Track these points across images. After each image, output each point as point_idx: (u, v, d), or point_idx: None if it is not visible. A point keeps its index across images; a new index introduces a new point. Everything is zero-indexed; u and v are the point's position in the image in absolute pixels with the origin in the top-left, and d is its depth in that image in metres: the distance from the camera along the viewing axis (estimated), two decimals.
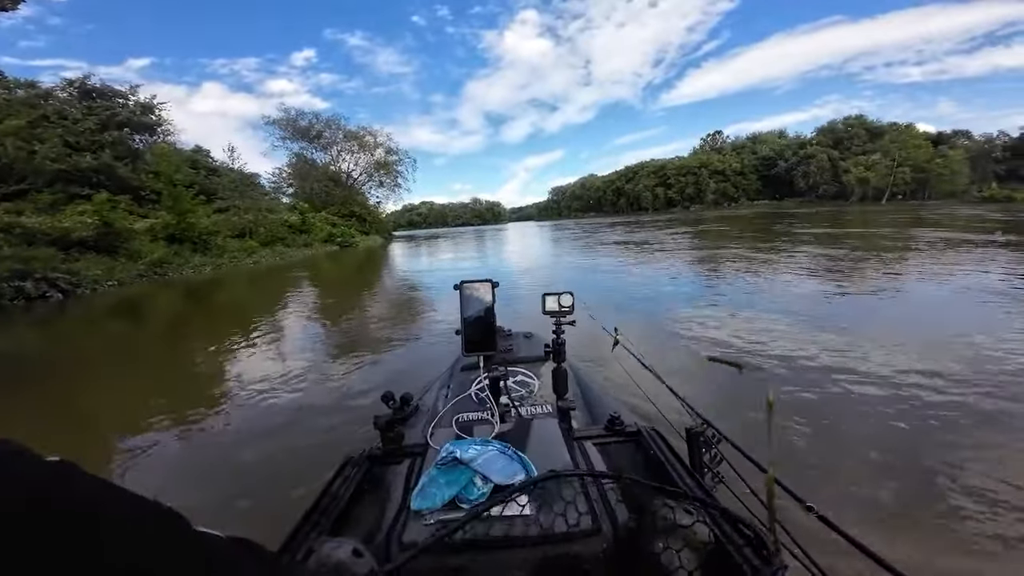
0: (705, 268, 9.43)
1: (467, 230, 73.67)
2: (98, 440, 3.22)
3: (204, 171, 26.85)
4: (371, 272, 15.38)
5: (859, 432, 2.43)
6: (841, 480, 2.02)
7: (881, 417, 2.56)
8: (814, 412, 2.64)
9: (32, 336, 7.64)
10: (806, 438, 2.38)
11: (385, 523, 0.92)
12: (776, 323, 4.63)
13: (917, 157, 64.36)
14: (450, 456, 0.98)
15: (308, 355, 5.01)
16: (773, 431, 0.67)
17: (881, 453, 2.20)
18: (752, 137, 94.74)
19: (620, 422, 1.25)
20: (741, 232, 20.20)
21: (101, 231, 14.18)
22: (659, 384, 1.45)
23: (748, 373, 3.28)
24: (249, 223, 23.02)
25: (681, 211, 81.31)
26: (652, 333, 4.72)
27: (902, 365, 3.24)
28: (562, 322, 1.36)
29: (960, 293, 5.55)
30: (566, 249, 18.36)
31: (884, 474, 2.04)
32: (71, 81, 24.39)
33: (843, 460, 2.19)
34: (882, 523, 1.74)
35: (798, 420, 2.54)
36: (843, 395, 2.87)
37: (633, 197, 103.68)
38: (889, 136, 69.48)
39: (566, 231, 35.27)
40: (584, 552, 0.77)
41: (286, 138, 40.09)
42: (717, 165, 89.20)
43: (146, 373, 5.06)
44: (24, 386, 4.76)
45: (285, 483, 2.35)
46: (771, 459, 0.63)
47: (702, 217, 43.67)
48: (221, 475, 2.61)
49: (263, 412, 3.43)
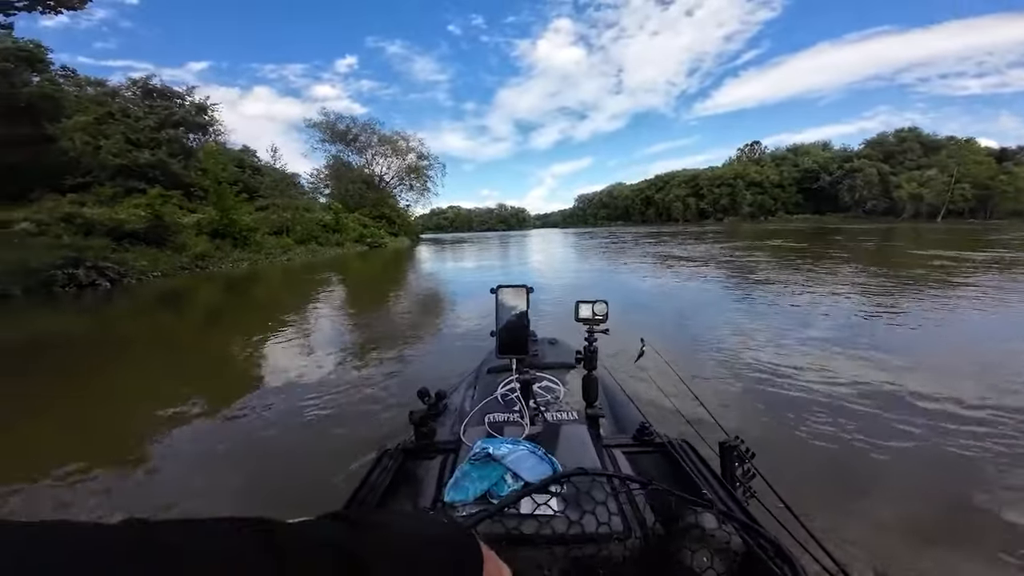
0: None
1: (491, 235, 73.91)
2: (139, 420, 3.42)
3: (249, 170, 28.29)
4: (399, 273, 15.72)
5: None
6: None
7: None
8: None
9: (83, 322, 8.19)
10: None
11: None
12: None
13: (978, 173, 60.55)
14: (483, 452, 1.01)
15: (337, 349, 5.21)
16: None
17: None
18: (793, 148, 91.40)
19: (649, 432, 1.26)
20: (829, 250, 16.18)
21: (152, 224, 15.10)
22: (676, 398, 1.44)
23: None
24: (286, 221, 23.98)
25: (714, 223, 78.89)
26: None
27: None
28: (595, 330, 1.38)
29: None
30: (606, 265, 14.90)
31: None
32: (135, 80, 26.28)
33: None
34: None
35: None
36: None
37: (663, 207, 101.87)
38: (947, 151, 65.64)
39: (596, 240, 33.49)
40: (612, 555, 0.78)
41: (325, 140, 41.74)
42: (754, 176, 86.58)
43: (186, 360, 5.37)
44: (75, 368, 5.13)
45: (315, 465, 2.46)
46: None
47: (747, 230, 40.40)
48: (252, 457, 2.74)
49: (295, 399, 3.59)
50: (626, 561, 0.78)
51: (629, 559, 0.79)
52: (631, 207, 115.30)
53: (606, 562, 0.77)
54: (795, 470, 2.15)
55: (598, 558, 0.77)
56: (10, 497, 2.36)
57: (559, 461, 1.02)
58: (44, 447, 3.01)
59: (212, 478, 2.53)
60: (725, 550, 0.71)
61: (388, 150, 43.87)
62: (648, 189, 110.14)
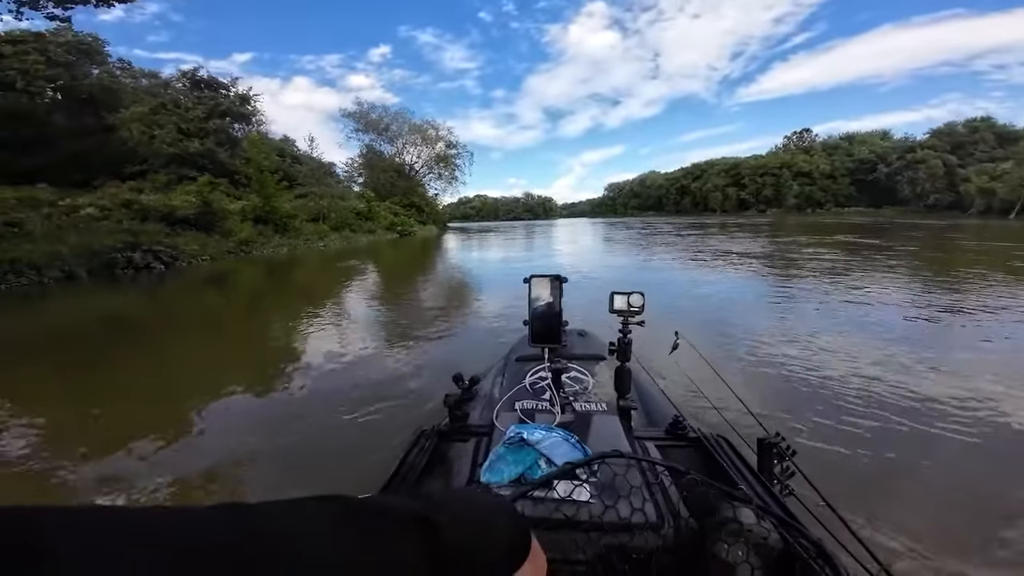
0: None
1: (517, 224, 73.25)
2: (188, 391, 3.69)
3: (289, 159, 29.33)
4: (429, 261, 16.00)
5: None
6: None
7: None
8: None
9: (142, 302, 8.86)
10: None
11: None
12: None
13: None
14: (517, 437, 1.04)
15: (373, 330, 5.48)
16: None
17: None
18: (847, 137, 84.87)
19: (683, 426, 1.25)
20: (920, 249, 13.18)
21: (201, 210, 15.97)
22: (712, 395, 1.41)
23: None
24: (323, 208, 24.80)
25: (756, 214, 74.47)
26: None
27: None
28: (630, 322, 1.37)
29: None
30: (648, 260, 12.79)
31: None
32: (184, 72, 27.59)
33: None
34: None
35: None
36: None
37: (700, 197, 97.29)
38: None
39: (631, 231, 30.19)
40: (644, 544, 0.79)
41: (359, 130, 42.66)
42: (802, 166, 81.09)
43: (236, 337, 5.79)
44: (133, 342, 5.58)
45: (353, 437, 2.63)
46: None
47: (797, 223, 35.68)
48: (291, 428, 2.92)
49: (331, 374, 3.83)
50: (658, 551, 0.79)
51: (661, 549, 0.80)
52: (665, 197, 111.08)
53: (638, 550, 0.78)
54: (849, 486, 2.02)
55: (630, 546, 0.78)
56: (85, 452, 2.63)
57: (591, 450, 1.04)
58: (113, 412, 3.32)
59: (259, 442, 2.73)
60: (762, 546, 0.71)
61: (418, 139, 44.34)
62: (684, 178, 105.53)
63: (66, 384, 4.04)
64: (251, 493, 2.31)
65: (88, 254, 11.05)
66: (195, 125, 23.78)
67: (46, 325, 6.51)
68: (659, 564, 0.78)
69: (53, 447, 2.76)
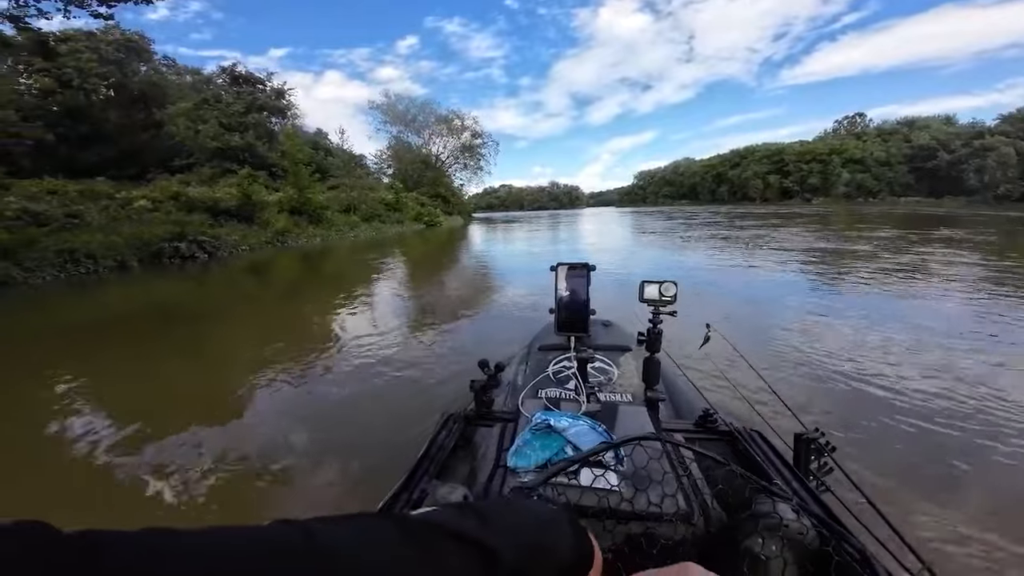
0: None
1: (542, 214, 72.12)
2: (231, 373, 3.95)
3: (323, 152, 30.13)
4: (455, 250, 16.16)
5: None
6: None
7: None
8: None
9: (192, 289, 9.42)
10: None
11: (482, 475, 1.02)
12: None
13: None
14: (544, 423, 1.04)
15: (399, 317, 5.67)
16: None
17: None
18: (906, 122, 78.42)
19: (713, 419, 1.22)
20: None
21: (241, 202, 16.72)
22: (745, 389, 1.36)
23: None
24: (354, 200, 25.43)
25: (800, 203, 69.65)
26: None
27: None
28: (661, 312, 1.34)
29: None
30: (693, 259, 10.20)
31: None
32: (224, 68, 28.72)
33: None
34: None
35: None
36: None
37: (738, 185, 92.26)
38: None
39: (667, 221, 27.36)
40: (672, 534, 0.78)
41: (387, 122, 43.32)
42: (854, 152, 75.44)
43: (276, 322, 6.11)
44: (183, 325, 5.97)
45: (385, 416, 2.77)
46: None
47: (855, 213, 30.89)
48: (327, 410, 3.08)
49: (362, 358, 4.02)
50: (685, 542, 0.79)
51: (689, 540, 0.79)
52: (700, 185, 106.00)
53: (665, 540, 0.78)
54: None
55: (656, 536, 0.78)
56: (145, 427, 2.85)
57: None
58: (169, 389, 3.59)
59: (298, 421, 2.90)
60: (799, 543, 0.69)
61: (444, 129, 44.60)
62: (721, 165, 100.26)
63: (134, 362, 4.39)
64: (297, 461, 2.47)
65: (140, 244, 11.79)
66: (235, 120, 24.77)
67: (112, 311, 7.05)
68: (687, 554, 0.77)
69: (125, 417, 3.01)
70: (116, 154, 19.89)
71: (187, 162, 22.28)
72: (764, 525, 0.70)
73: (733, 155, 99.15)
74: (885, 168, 72.94)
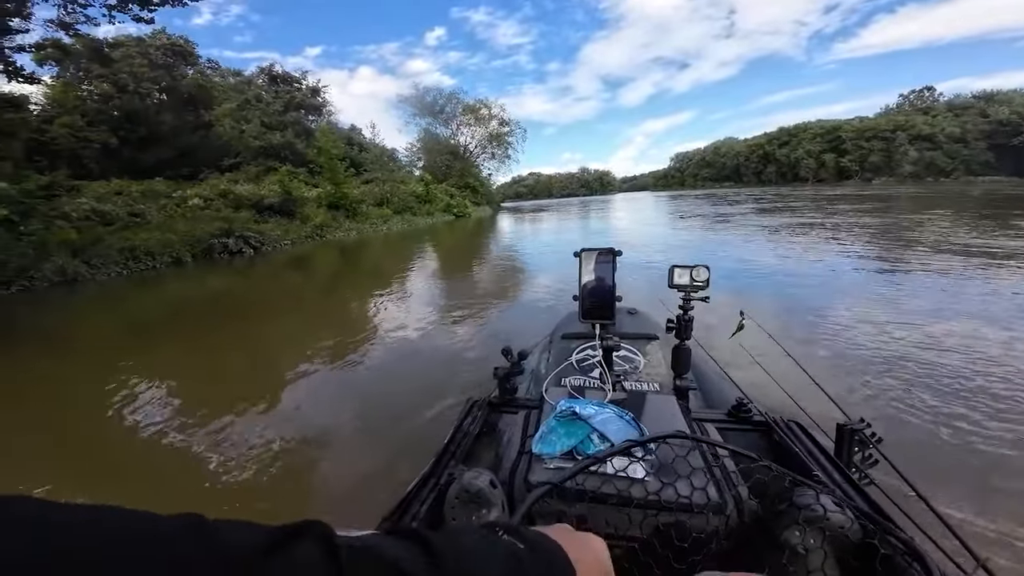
0: None
1: (573, 201, 70.32)
2: (279, 359, 4.21)
3: (357, 147, 30.93)
4: (483, 241, 16.25)
5: None
6: None
7: None
8: None
9: (243, 281, 10.03)
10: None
11: (507, 462, 1.03)
12: None
13: None
14: (569, 410, 1.04)
15: (434, 306, 5.94)
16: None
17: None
18: (982, 95, 70.57)
19: (747, 409, 1.17)
20: None
21: (283, 198, 17.48)
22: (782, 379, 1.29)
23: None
24: (386, 193, 26.00)
25: (859, 183, 63.46)
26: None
27: None
28: (692, 298, 1.29)
29: None
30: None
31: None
32: (262, 68, 29.94)
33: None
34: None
35: None
36: None
37: (788, 165, 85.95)
38: None
39: (719, 208, 23.16)
40: (704, 526, 0.76)
41: (416, 114, 43.78)
42: (922, 129, 68.64)
43: (318, 310, 6.54)
44: (234, 316, 6.38)
45: (415, 398, 2.93)
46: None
47: (936, 193, 26.32)
48: (364, 392, 3.29)
49: (398, 345, 4.33)
50: (717, 534, 0.76)
51: (721, 533, 0.77)
52: (744, 166, 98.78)
53: (696, 532, 0.76)
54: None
55: (687, 527, 0.76)
56: (190, 405, 3.09)
57: (647, 429, 1.01)
58: (220, 371, 3.87)
59: (336, 398, 3.16)
60: (841, 536, 0.65)
61: (471, 119, 44.52)
62: (768, 144, 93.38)
63: (195, 349, 4.81)
64: (335, 436, 2.69)
65: (192, 241, 12.56)
66: (275, 119, 25.84)
67: (172, 305, 7.64)
68: (719, 547, 0.75)
69: (187, 398, 3.29)
70: (172, 155, 21.24)
71: (235, 161, 23.49)
72: (804, 517, 0.67)
73: (781, 133, 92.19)
74: (960, 145, 66.00)
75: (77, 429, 3.03)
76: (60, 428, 3.04)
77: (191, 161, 21.52)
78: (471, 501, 0.83)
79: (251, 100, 26.56)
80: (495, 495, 0.84)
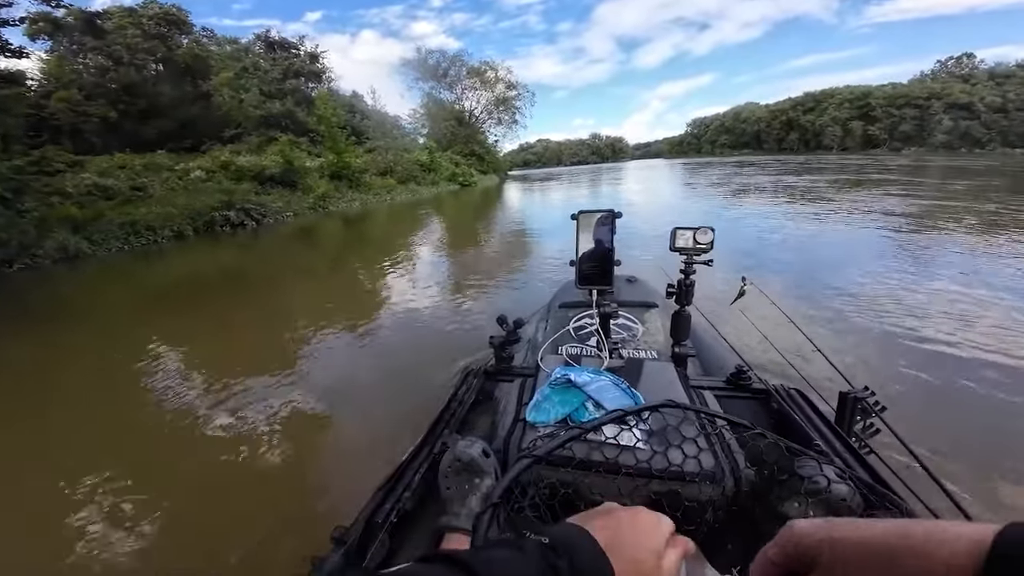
0: None
1: (583, 169, 68.35)
2: (287, 331, 4.29)
3: (359, 115, 30.16)
4: (488, 211, 16.06)
5: None
6: None
7: None
8: None
9: (246, 255, 10.06)
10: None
11: (501, 430, 1.02)
12: None
13: None
14: (564, 378, 1.02)
15: (439, 276, 6.04)
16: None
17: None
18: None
19: (747, 376, 1.14)
20: None
21: (284, 168, 17.19)
22: (782, 347, 1.25)
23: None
24: (389, 163, 25.52)
25: (888, 153, 60.13)
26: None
27: None
28: (695, 261, 1.24)
29: None
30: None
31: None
32: (258, 35, 28.92)
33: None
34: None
35: None
36: None
37: (812, 132, 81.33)
38: None
39: (748, 178, 21.82)
40: (700, 496, 0.75)
41: (418, 79, 42.24)
42: (959, 97, 64.07)
43: (324, 284, 6.56)
44: (242, 288, 6.43)
45: (422, 362, 3.08)
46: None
47: (986, 166, 22.88)
48: (372, 356, 3.45)
49: (403, 314, 4.45)
50: (713, 502, 0.75)
51: (718, 501, 0.75)
52: (765, 132, 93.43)
53: (692, 501, 0.74)
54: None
55: (683, 495, 0.75)
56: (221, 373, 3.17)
57: (642, 397, 0.99)
58: (234, 344, 3.95)
59: (349, 367, 3.28)
60: (842, 507, 0.63)
61: (476, 82, 42.90)
62: (792, 110, 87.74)
63: (203, 320, 4.91)
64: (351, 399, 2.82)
65: (193, 214, 12.32)
66: (274, 87, 25.16)
67: (173, 279, 7.72)
68: (714, 516, 0.74)
69: (198, 367, 3.38)
70: (173, 127, 20.94)
71: (236, 132, 23.10)
72: (806, 488, 0.65)
73: (807, 98, 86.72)
74: (1000, 115, 62.12)
75: (116, 401, 3.18)
76: (107, 400, 3.19)
77: (193, 133, 21.21)
78: (464, 470, 0.83)
79: (248, 68, 25.80)
80: (487, 464, 0.83)
